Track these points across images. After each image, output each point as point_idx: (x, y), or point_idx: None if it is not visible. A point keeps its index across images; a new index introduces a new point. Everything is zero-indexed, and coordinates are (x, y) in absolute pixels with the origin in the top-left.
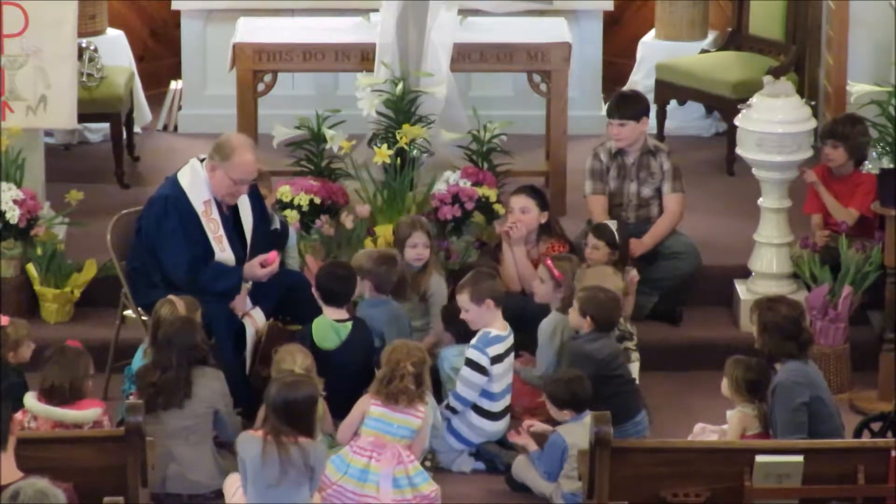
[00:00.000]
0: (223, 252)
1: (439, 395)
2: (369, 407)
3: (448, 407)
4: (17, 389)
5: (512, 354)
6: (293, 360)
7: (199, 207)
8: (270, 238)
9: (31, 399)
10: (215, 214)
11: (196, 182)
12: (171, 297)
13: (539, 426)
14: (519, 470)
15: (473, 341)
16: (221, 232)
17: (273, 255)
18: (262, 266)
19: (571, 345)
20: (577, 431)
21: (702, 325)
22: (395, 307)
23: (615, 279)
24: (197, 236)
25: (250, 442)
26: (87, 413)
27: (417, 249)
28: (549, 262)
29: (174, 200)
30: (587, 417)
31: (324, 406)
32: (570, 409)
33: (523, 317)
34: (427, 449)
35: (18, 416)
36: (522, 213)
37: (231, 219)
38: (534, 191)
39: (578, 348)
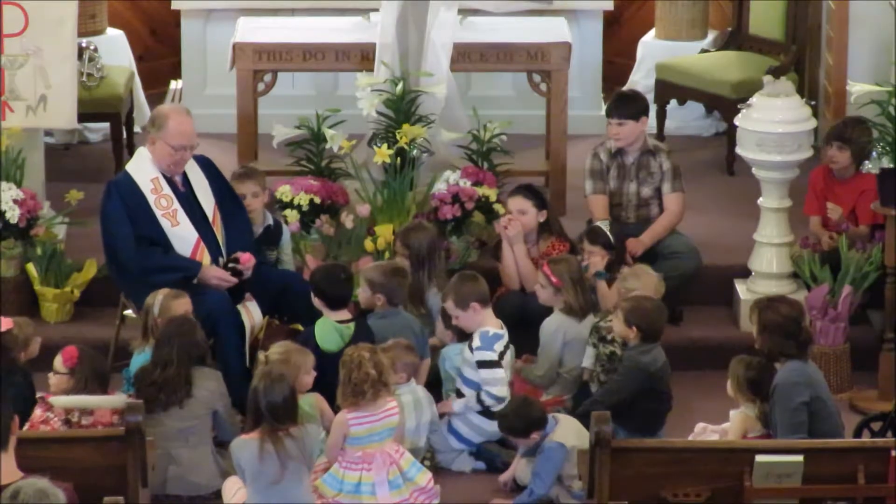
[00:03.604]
0: (177, 226)
1: (438, 394)
2: (349, 428)
3: (484, 408)
4: (23, 390)
5: (511, 352)
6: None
7: (146, 186)
8: (243, 220)
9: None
10: (167, 190)
11: (140, 163)
12: (159, 291)
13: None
14: (520, 473)
15: (475, 344)
16: (176, 206)
17: (248, 256)
18: (235, 272)
19: (624, 356)
20: (564, 431)
21: (702, 325)
22: (406, 317)
23: (653, 278)
24: (143, 216)
25: (245, 445)
26: (114, 398)
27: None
28: (546, 268)
29: (116, 183)
30: (560, 421)
31: (324, 403)
32: (535, 432)
33: (523, 315)
34: (426, 447)
35: (37, 412)
36: (520, 215)
37: (189, 196)
38: (530, 190)
39: (632, 360)
